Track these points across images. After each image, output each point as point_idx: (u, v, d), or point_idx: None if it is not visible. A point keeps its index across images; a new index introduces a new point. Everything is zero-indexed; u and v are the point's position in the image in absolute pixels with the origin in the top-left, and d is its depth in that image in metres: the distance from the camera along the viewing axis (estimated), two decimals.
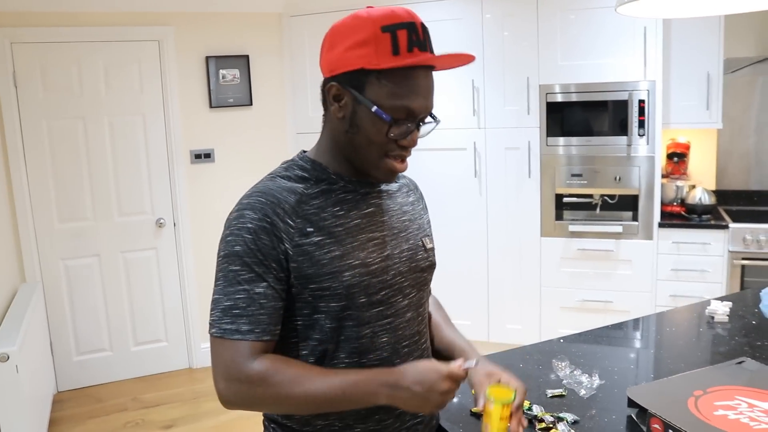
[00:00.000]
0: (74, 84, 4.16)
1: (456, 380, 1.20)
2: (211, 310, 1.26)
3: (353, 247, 1.28)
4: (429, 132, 1.31)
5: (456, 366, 1.21)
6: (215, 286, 1.26)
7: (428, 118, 1.28)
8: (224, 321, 1.22)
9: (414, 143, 1.27)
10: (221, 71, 4.47)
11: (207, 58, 4.42)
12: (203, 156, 4.49)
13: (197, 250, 4.53)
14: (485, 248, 4.47)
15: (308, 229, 1.25)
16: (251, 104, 4.58)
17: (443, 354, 1.50)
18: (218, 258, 1.27)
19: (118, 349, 4.46)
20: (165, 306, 4.55)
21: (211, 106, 4.48)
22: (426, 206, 1.55)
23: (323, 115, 1.33)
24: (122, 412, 4.02)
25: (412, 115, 1.23)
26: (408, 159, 1.31)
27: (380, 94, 1.20)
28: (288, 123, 4.69)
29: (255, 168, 4.67)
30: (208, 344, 4.78)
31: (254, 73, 4.57)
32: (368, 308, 1.29)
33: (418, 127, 1.26)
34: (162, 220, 4.44)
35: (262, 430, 1.43)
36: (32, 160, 4.10)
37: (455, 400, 1.73)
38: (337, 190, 1.31)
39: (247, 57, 4.52)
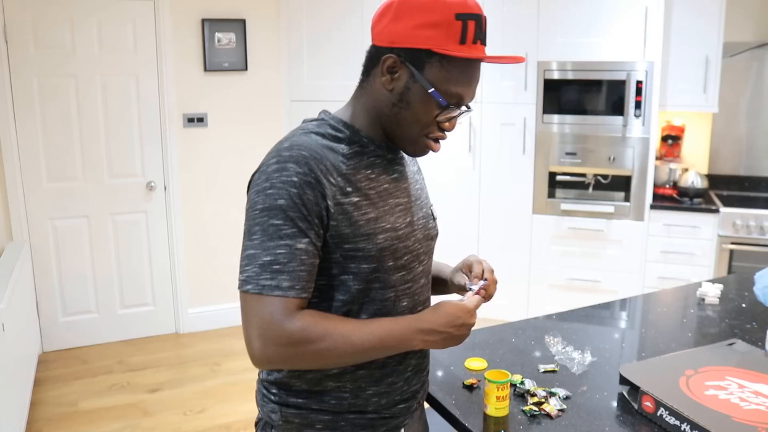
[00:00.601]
0: (67, 41, 4.08)
1: (478, 300, 1.31)
2: (244, 266, 1.21)
3: (384, 211, 1.29)
4: (459, 115, 1.32)
5: (475, 300, 1.30)
6: (249, 240, 1.21)
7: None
8: (263, 277, 1.18)
9: (453, 128, 1.30)
10: (217, 34, 4.41)
11: (203, 20, 4.35)
12: (196, 120, 4.44)
13: (187, 215, 4.50)
14: (476, 223, 4.47)
15: (348, 189, 1.24)
16: (246, 69, 4.52)
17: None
18: (253, 211, 1.21)
19: (104, 311, 4.44)
20: (153, 270, 4.53)
21: (205, 70, 4.42)
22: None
23: (362, 81, 1.31)
24: (108, 375, 4.02)
25: (461, 101, 1.26)
26: None
27: (439, 77, 1.22)
28: (283, 90, 4.64)
29: (248, 134, 4.66)
30: (195, 309, 4.78)
31: (250, 38, 4.51)
32: (394, 272, 1.30)
33: (460, 114, 1.28)
34: (152, 184, 4.40)
35: (258, 397, 1.40)
36: (22, 118, 4.04)
37: (447, 371, 1.74)
38: (368, 153, 1.31)
39: (243, 21, 4.45)
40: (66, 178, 4.20)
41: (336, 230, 1.22)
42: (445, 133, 1.30)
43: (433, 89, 1.22)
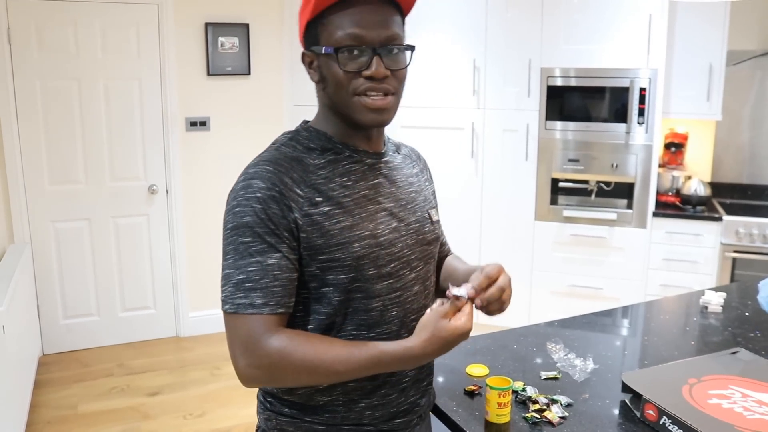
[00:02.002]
0: (70, 44, 4.09)
1: (455, 306, 1.18)
2: (222, 286, 1.21)
3: (362, 218, 1.25)
4: (407, 60, 1.26)
5: (441, 301, 1.19)
6: (224, 260, 1.22)
7: (396, 48, 1.23)
8: (237, 296, 1.18)
9: (380, 73, 1.20)
10: (220, 39, 4.41)
11: (206, 24, 4.35)
12: (199, 124, 4.44)
13: (189, 219, 4.50)
14: (478, 229, 4.46)
15: (317, 199, 1.22)
16: (249, 74, 4.52)
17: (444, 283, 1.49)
18: (225, 231, 1.22)
19: (105, 314, 4.44)
20: (154, 273, 4.52)
21: (208, 74, 4.43)
22: (431, 177, 1.53)
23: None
24: (108, 378, 4.01)
25: (363, 42, 1.19)
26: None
27: (329, 36, 1.21)
28: (285, 94, 4.64)
29: (250, 138, 4.66)
30: (196, 313, 4.78)
31: (253, 43, 4.51)
32: (377, 281, 1.26)
33: (379, 56, 1.20)
34: (155, 187, 4.40)
35: (257, 404, 1.41)
36: (25, 120, 4.04)
37: (448, 377, 1.73)
38: (343, 160, 1.28)
39: (247, 25, 4.46)
40: (68, 180, 4.21)
41: (308, 242, 1.20)
42: (377, 82, 1.21)
43: (324, 48, 1.21)
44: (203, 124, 4.46)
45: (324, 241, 1.21)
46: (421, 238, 1.36)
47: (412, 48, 1.25)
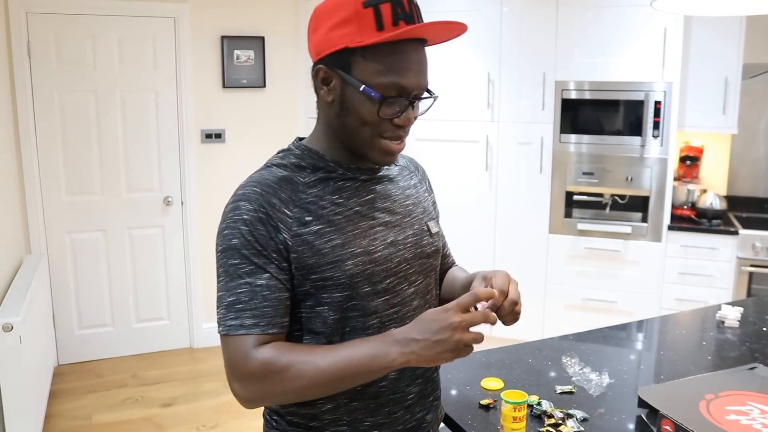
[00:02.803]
0: (88, 57, 4.14)
1: (464, 309, 1.12)
2: (216, 308, 1.23)
3: (354, 235, 1.23)
4: (427, 109, 1.27)
5: (462, 300, 1.13)
6: (217, 282, 1.23)
7: (425, 95, 1.24)
8: (229, 317, 1.18)
9: (409, 122, 1.22)
10: (236, 52, 4.45)
11: (222, 37, 4.39)
12: (214, 136, 4.48)
13: (203, 231, 4.52)
14: (492, 242, 4.45)
15: (307, 218, 1.20)
16: (264, 86, 4.56)
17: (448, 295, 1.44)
18: (216, 254, 1.23)
19: (120, 325, 4.46)
20: (168, 284, 4.54)
21: (224, 87, 4.46)
22: (431, 187, 1.50)
23: (316, 102, 1.29)
24: (122, 388, 4.02)
25: (404, 92, 1.18)
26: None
27: (367, 72, 1.16)
28: (300, 107, 4.67)
29: (265, 151, 4.64)
30: (209, 325, 4.80)
31: (269, 55, 4.54)
32: (373, 297, 1.24)
33: (412, 105, 1.21)
34: (170, 199, 4.42)
35: (263, 424, 1.39)
36: (42, 132, 4.09)
37: (463, 390, 1.72)
38: (335, 177, 1.26)
39: (262, 38, 4.49)
40: (84, 191, 4.24)
41: (300, 262, 1.19)
42: (403, 129, 1.22)
43: (363, 86, 1.16)
44: (218, 136, 4.49)
45: (316, 260, 1.20)
46: (420, 251, 1.33)
47: (436, 97, 1.25)
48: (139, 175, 4.36)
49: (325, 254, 1.20)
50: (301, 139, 1.34)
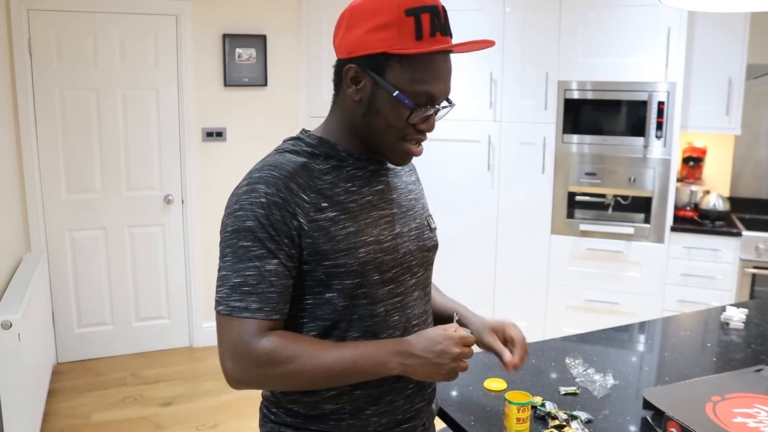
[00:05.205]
0: (89, 54, 4.12)
1: (467, 344, 1.22)
2: (217, 287, 1.22)
3: (366, 224, 1.26)
4: (445, 115, 1.30)
5: (464, 332, 1.23)
6: (222, 262, 1.23)
7: (444, 102, 1.27)
8: (233, 298, 1.19)
9: (432, 128, 1.26)
10: (237, 50, 4.43)
11: (224, 35, 4.38)
12: (215, 134, 4.46)
13: (204, 229, 4.51)
14: (494, 242, 4.43)
15: (323, 204, 1.22)
16: (266, 85, 4.54)
17: (442, 318, 1.51)
18: (225, 233, 1.23)
19: (119, 323, 4.44)
20: (168, 283, 4.53)
21: (225, 85, 4.44)
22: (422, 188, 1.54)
23: (334, 95, 1.31)
24: (121, 387, 4.01)
25: (432, 100, 1.21)
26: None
27: (402, 78, 1.18)
28: (302, 106, 4.65)
29: (267, 149, 4.60)
30: (209, 324, 4.78)
31: (270, 54, 4.53)
32: (381, 286, 1.27)
33: (436, 112, 1.25)
34: (170, 197, 4.41)
35: (259, 418, 1.39)
36: (43, 129, 4.07)
37: (465, 391, 1.71)
38: (347, 166, 1.28)
39: (264, 37, 4.48)
40: (85, 189, 4.23)
41: (314, 247, 1.21)
42: (425, 134, 1.27)
43: (397, 92, 1.19)
44: (219, 134, 4.48)
45: (330, 246, 1.21)
46: (422, 244, 1.37)
47: (454, 105, 1.28)
48: (139, 173, 4.34)
49: (339, 241, 1.22)
50: (307, 131, 1.35)
